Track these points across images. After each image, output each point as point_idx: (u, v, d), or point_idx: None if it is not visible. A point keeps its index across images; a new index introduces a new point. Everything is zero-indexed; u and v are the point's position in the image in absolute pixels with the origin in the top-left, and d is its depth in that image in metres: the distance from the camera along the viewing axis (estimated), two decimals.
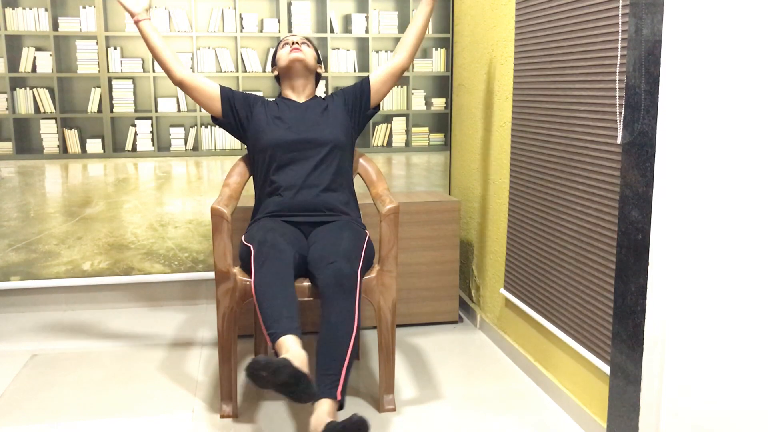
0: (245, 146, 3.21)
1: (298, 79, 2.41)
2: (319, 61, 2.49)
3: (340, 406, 1.87)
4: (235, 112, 2.36)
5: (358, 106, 2.43)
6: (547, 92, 2.27)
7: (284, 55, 2.40)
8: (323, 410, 1.80)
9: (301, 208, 2.26)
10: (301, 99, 2.43)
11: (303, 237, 2.21)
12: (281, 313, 1.83)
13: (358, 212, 2.39)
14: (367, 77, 2.45)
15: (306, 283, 2.11)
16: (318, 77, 2.51)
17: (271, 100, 2.44)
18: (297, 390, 1.66)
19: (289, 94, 2.43)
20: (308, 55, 2.40)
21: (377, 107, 2.48)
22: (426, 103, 3.35)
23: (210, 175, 3.22)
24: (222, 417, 2.16)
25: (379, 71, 2.44)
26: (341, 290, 1.93)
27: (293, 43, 2.40)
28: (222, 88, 2.37)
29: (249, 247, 2.09)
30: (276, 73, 2.48)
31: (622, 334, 1.84)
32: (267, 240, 2.04)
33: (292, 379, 1.64)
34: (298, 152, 2.29)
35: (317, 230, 2.23)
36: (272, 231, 2.10)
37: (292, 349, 1.75)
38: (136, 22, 2.28)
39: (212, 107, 2.36)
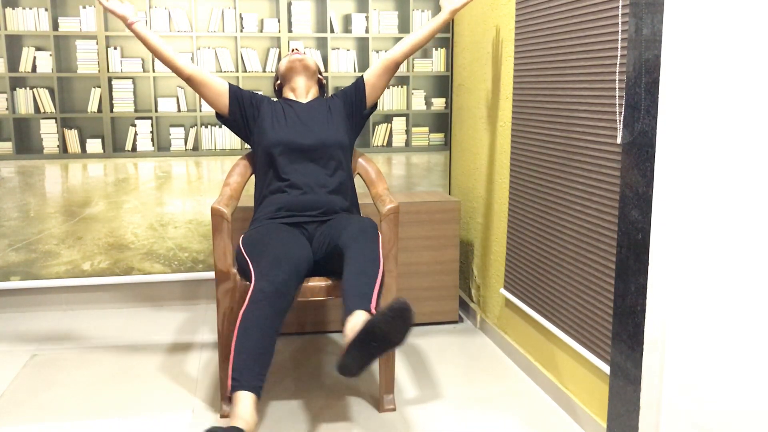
0: (246, 146, 3.21)
1: (300, 80, 2.42)
2: (320, 72, 2.53)
3: None
4: (243, 110, 2.36)
5: (355, 106, 2.43)
6: (547, 92, 2.27)
7: (285, 61, 2.46)
8: (358, 319, 1.75)
9: (308, 207, 2.24)
10: (303, 100, 2.42)
11: (305, 238, 2.20)
12: (252, 366, 1.79)
13: (359, 213, 2.39)
14: (362, 76, 2.45)
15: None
16: (321, 84, 2.53)
17: (275, 100, 2.44)
18: None
19: (291, 96, 2.43)
20: (308, 58, 2.45)
21: (374, 106, 2.48)
22: (426, 103, 3.35)
23: (210, 175, 3.22)
24: (222, 417, 2.16)
25: (372, 67, 2.45)
26: (365, 236, 1.97)
27: (293, 50, 2.48)
28: (231, 85, 2.37)
29: (246, 258, 2.07)
30: (279, 82, 2.51)
31: (622, 334, 1.84)
32: (271, 269, 1.93)
33: None
34: (303, 153, 2.29)
35: (326, 225, 2.22)
36: (276, 255, 1.99)
37: (245, 413, 1.72)
38: (131, 26, 2.28)
39: (219, 103, 2.35)
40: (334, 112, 2.39)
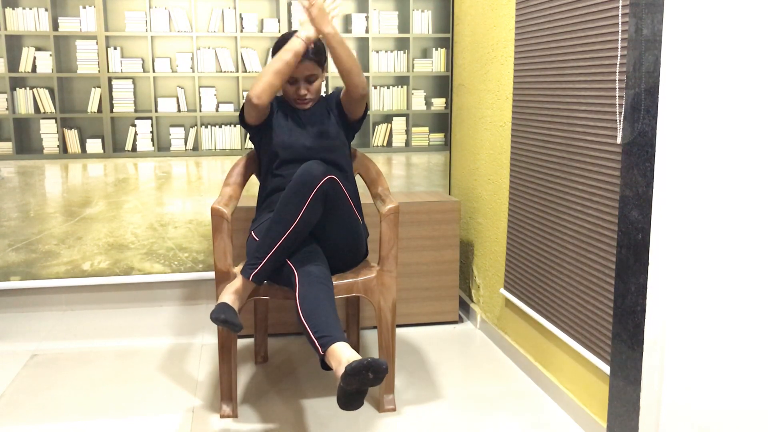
0: (246, 146, 3.21)
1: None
2: (322, 66, 2.38)
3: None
4: (266, 119, 2.32)
5: (343, 116, 2.38)
6: (547, 92, 2.27)
7: (291, 100, 2.34)
8: (237, 284, 2.05)
9: None
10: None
11: None
12: (332, 324, 1.90)
13: (361, 214, 2.38)
14: (340, 93, 2.35)
15: None
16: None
17: (279, 98, 2.41)
18: (374, 380, 1.75)
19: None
20: (315, 95, 2.34)
21: (363, 116, 2.38)
22: (426, 103, 3.35)
23: (210, 175, 3.22)
24: (222, 417, 2.16)
25: (342, 92, 2.33)
26: (300, 185, 2.02)
27: (300, 95, 2.30)
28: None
29: None
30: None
31: (622, 334, 1.84)
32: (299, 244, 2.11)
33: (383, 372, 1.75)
34: (305, 156, 2.28)
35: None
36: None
37: (351, 352, 1.81)
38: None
39: (260, 119, 2.29)
40: (332, 113, 2.39)
